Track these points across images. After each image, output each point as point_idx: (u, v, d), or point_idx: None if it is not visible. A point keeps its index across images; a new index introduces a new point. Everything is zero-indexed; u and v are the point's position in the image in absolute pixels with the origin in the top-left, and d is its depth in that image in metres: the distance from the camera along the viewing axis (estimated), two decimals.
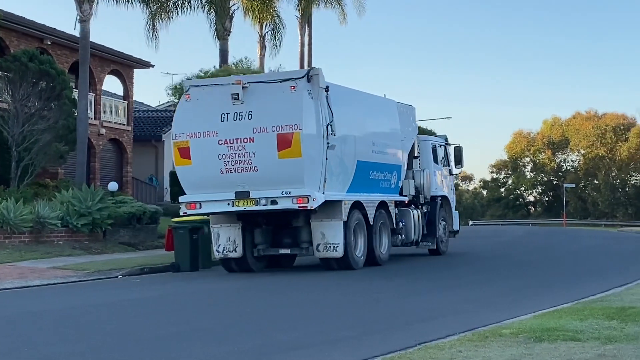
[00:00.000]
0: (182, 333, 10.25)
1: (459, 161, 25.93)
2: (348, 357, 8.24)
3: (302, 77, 18.08)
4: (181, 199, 18.99)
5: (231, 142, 18.01)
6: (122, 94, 41.57)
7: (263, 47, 40.50)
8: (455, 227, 25.51)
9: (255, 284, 17.36)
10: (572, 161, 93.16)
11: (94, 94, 36.69)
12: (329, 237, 18.65)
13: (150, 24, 34.34)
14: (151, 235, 27.43)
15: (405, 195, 22.41)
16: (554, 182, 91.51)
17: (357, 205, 19.34)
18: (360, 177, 19.79)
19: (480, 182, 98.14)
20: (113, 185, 28.68)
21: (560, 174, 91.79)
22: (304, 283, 17.29)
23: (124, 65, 39.81)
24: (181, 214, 19.41)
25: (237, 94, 17.99)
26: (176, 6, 34.83)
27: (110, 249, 24.72)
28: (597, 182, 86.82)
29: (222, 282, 18.01)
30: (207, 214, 19.17)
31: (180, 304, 13.84)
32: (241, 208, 18.28)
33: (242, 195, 18.14)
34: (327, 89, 18.36)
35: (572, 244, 32.40)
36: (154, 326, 11.02)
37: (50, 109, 27.90)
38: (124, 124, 39.97)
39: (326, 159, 18.29)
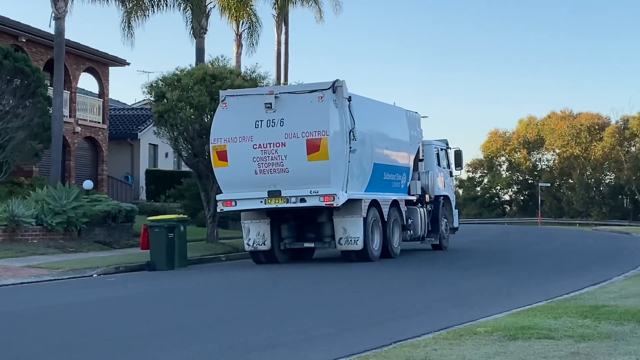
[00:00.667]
0: (156, 332, 10.21)
1: (458, 164, 28.48)
2: (322, 356, 8.22)
3: (328, 89, 20.23)
4: (218, 197, 21.25)
5: (265, 146, 20.26)
6: (97, 92, 41.33)
7: (240, 45, 40.41)
8: (455, 224, 27.81)
9: (236, 281, 17.35)
10: (547, 160, 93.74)
11: (69, 92, 36.45)
12: (350, 232, 20.83)
13: (125, 22, 34.15)
14: (126, 234, 27.30)
15: (413, 195, 24.60)
16: (529, 181, 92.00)
17: (374, 204, 21.59)
18: (375, 178, 22.02)
19: (456, 181, 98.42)
20: (88, 184, 28.51)
21: (535, 173, 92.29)
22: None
23: (99, 63, 39.59)
24: (218, 210, 21.77)
25: (270, 104, 20.26)
26: (152, 4, 34.65)
27: (85, 248, 24.56)
28: (571, 181, 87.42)
29: (198, 281, 17.98)
30: (242, 210, 21.23)
31: (156, 303, 13.79)
32: (273, 205, 20.45)
33: (274, 194, 20.33)
34: (349, 99, 20.59)
35: (547, 243, 32.58)
36: (128, 325, 10.96)
37: (24, 107, 27.64)
38: (99, 122, 39.74)
39: (348, 161, 20.47)
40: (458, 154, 28.42)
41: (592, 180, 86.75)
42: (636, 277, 16.32)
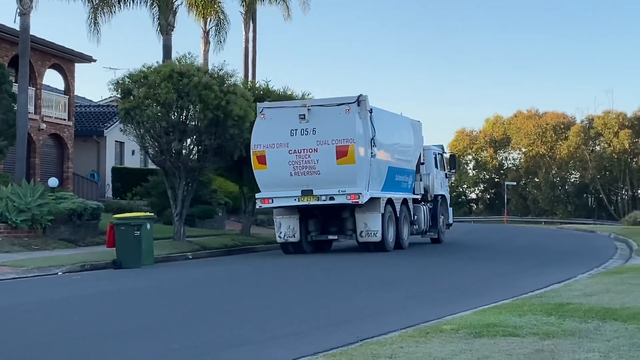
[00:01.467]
0: (120, 331, 10.12)
1: (453, 166, 33.45)
2: (286, 353, 8.19)
3: (354, 102, 23.79)
4: (257, 195, 24.55)
5: (299, 151, 23.76)
6: (63, 89, 40.93)
7: (207, 42, 40.27)
8: (450, 220, 31.72)
9: (204, 279, 17.27)
10: (513, 159, 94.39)
11: (34, 89, 36.08)
12: (370, 226, 24.31)
13: (92, 18, 33.93)
14: (92, 232, 27.06)
15: (418, 194, 28.17)
16: (496, 179, 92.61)
17: (389, 201, 25.22)
18: (389, 179, 25.59)
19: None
20: (53, 181, 28.22)
21: (502, 171, 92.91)
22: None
23: (65, 60, 39.21)
24: (257, 207, 25.68)
25: (304, 115, 23.70)
26: (118, 0, 34.42)
27: (51, 246, 24.31)
28: (537, 180, 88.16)
29: (164, 279, 17.88)
30: (278, 207, 24.55)
31: (121, 302, 13.67)
32: (305, 203, 23.93)
33: (307, 193, 23.76)
34: (371, 111, 24.16)
35: (513, 241, 32.81)
36: (93, 324, 10.85)
37: None
38: (64, 119, 39.37)
39: (370, 165, 24.04)
40: (453, 158, 34.05)
41: (558, 179, 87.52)
42: (600, 275, 16.46)
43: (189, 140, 26.71)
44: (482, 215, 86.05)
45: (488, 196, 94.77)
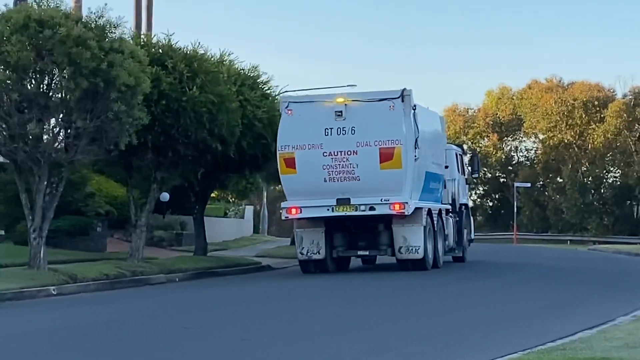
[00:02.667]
0: None
1: (475, 169, 38.21)
2: None
3: (398, 98, 27.91)
4: (283, 204, 28.65)
5: (336, 154, 27.65)
6: None
7: None
8: (472, 235, 36.84)
9: (75, 327, 17.12)
10: (526, 150, 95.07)
11: None
12: (411, 241, 28.09)
13: None
14: None
15: (446, 204, 32.26)
16: (502, 179, 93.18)
17: (429, 213, 29.15)
18: (426, 186, 29.40)
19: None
20: None
21: (509, 168, 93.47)
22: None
23: None
24: (282, 218, 29.94)
25: (341, 112, 27.79)
26: None
27: None
28: (560, 180, 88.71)
29: (10, 327, 17.67)
30: (307, 218, 28.49)
31: None
32: (342, 213, 27.88)
33: (343, 202, 27.66)
34: (414, 108, 28.25)
35: (523, 269, 33.06)
36: None
37: None
38: None
39: (414, 170, 28.08)
40: (474, 159, 38.76)
41: (590, 179, 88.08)
42: None
43: (53, 121, 26.48)
44: (482, 230, 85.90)
45: (490, 203, 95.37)
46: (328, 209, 27.79)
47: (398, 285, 25.80)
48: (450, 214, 32.81)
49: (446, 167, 32.78)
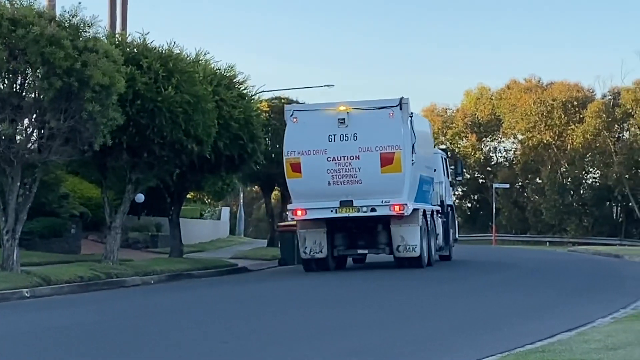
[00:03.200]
0: None
1: (459, 172, 42.48)
2: None
3: (397, 106, 30.54)
4: (289, 206, 31.53)
5: (339, 159, 30.22)
6: None
7: None
8: (457, 235, 40.18)
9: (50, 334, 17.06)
10: (505, 151, 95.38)
11: None
12: (408, 240, 30.75)
13: None
14: None
15: (435, 205, 34.93)
16: (480, 180, 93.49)
17: (424, 214, 31.99)
18: (420, 189, 32.20)
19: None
20: None
21: (488, 169, 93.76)
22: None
23: None
24: (289, 220, 33.11)
25: (344, 119, 30.36)
26: None
27: None
28: (540, 181, 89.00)
29: None
30: (312, 219, 30.86)
31: None
32: (345, 214, 30.54)
33: (346, 204, 30.26)
34: (411, 115, 31.18)
35: (502, 269, 33.14)
36: None
37: None
38: None
39: (411, 173, 30.77)
40: (459, 163, 43.52)
41: (569, 179, 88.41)
42: (629, 319, 16.60)
43: (26, 121, 26.40)
44: (460, 232, 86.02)
45: (469, 204, 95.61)
46: (332, 211, 30.43)
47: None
48: (440, 215, 35.53)
49: (434, 170, 35.53)
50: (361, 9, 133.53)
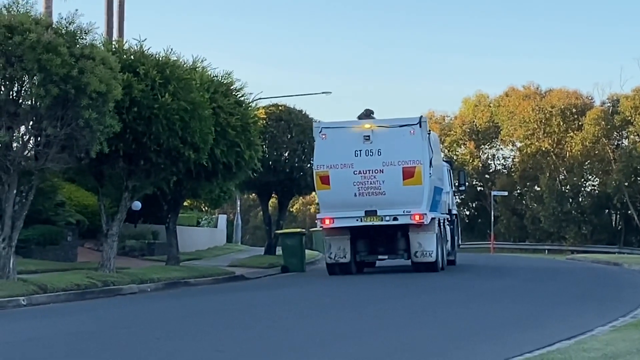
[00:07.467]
0: None
1: (462, 182, 45.46)
2: None
3: (417, 124, 33.64)
4: (318, 215, 35.13)
5: (364, 172, 33.33)
6: None
7: None
8: (460, 241, 44.92)
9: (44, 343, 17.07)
10: (504, 158, 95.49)
11: None
12: (425, 246, 33.82)
13: None
14: None
15: (444, 213, 37.86)
16: (479, 188, 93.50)
17: (438, 222, 35.11)
18: (434, 199, 35.00)
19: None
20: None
21: (487, 176, 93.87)
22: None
23: None
24: (318, 228, 38.53)
25: (369, 136, 33.51)
26: None
27: None
28: (538, 188, 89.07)
29: None
30: (338, 228, 33.86)
31: None
32: (369, 223, 33.63)
33: (371, 213, 33.37)
34: (429, 132, 34.45)
35: (504, 275, 33.26)
36: None
37: None
38: None
39: (429, 185, 33.69)
40: (462, 173, 46.68)
41: (568, 187, 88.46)
42: (628, 327, 16.63)
43: (22, 128, 26.40)
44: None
45: (467, 212, 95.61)
46: (357, 220, 33.49)
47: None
48: (448, 223, 38.77)
49: (442, 180, 38.06)
50: (359, 16, 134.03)
